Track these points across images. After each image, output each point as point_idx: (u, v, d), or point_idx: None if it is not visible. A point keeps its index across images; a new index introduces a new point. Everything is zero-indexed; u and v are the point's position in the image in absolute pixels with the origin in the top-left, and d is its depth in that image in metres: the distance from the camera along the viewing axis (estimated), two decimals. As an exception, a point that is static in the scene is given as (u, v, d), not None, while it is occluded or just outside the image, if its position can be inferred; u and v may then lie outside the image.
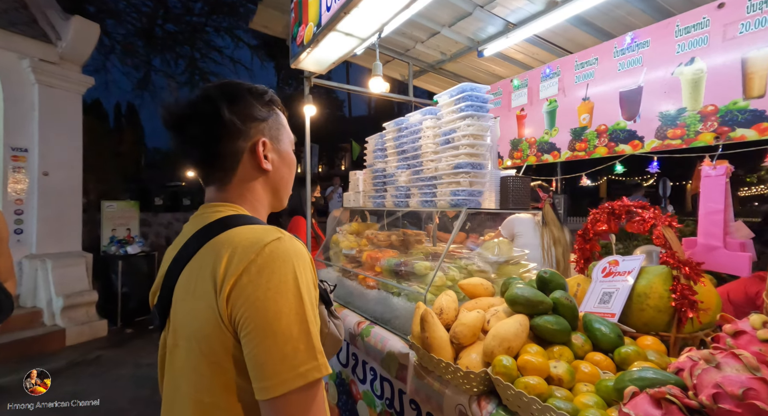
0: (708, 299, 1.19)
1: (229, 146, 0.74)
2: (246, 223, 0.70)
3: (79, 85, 4.80)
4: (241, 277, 0.60)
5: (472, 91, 1.63)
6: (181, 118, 0.72)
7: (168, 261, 0.75)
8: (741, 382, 0.67)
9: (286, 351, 0.59)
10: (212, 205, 0.75)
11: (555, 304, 1.18)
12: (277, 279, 0.61)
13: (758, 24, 1.48)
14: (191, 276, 0.67)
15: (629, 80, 1.94)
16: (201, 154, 0.74)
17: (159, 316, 0.73)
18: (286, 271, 0.62)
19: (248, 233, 0.66)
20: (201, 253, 0.67)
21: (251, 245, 0.63)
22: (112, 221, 5.43)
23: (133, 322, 4.94)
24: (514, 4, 2.39)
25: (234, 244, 0.64)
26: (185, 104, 0.72)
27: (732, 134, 1.55)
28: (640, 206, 1.41)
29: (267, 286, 0.60)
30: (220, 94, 0.73)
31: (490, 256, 1.79)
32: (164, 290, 0.72)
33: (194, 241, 0.70)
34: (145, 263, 5.24)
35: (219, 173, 0.76)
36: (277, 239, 0.65)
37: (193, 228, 0.74)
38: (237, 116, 0.73)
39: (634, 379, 0.84)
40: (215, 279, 0.62)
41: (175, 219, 10.13)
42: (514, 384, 0.96)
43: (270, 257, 0.62)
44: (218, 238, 0.67)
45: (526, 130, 2.56)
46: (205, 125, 0.72)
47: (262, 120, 0.77)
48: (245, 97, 0.75)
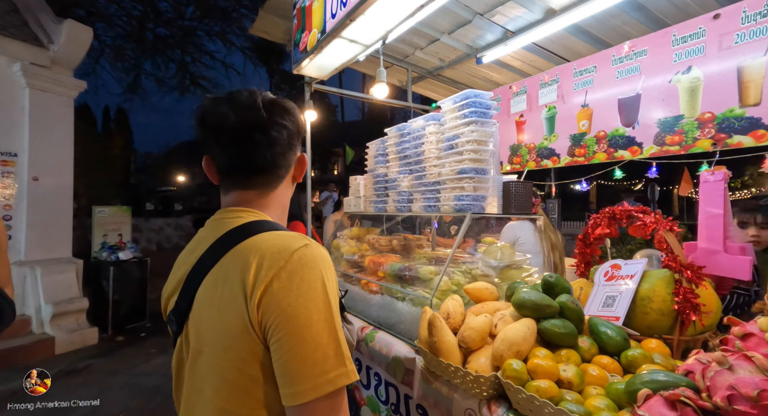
0: (709, 302, 1.21)
1: (286, 156, 0.78)
2: (270, 229, 0.70)
3: (71, 89, 4.74)
4: (271, 283, 0.61)
5: (476, 98, 1.65)
6: (250, 123, 0.72)
7: (185, 266, 0.74)
8: (755, 384, 0.68)
9: (316, 358, 0.59)
10: (232, 210, 0.75)
11: (561, 308, 1.19)
12: (306, 286, 0.62)
13: (753, 34, 1.53)
14: (217, 282, 0.66)
15: (627, 88, 1.98)
16: (272, 158, 0.75)
17: (178, 320, 0.72)
18: (314, 277, 0.63)
19: (275, 240, 0.67)
20: (226, 259, 0.67)
21: (280, 252, 0.64)
22: (103, 226, 5.34)
23: (124, 330, 4.83)
24: (512, 13, 2.44)
25: (262, 250, 0.64)
26: (257, 110, 0.72)
27: (729, 140, 1.60)
28: (641, 211, 1.44)
29: (297, 292, 0.61)
30: (285, 106, 0.76)
31: (493, 261, 1.80)
32: (183, 296, 0.71)
33: (218, 247, 0.70)
34: (138, 269, 5.14)
35: (265, 179, 0.77)
36: (305, 245, 0.66)
37: (213, 233, 0.73)
38: (299, 129, 0.79)
39: (645, 382, 0.85)
40: (245, 286, 0.62)
41: (167, 224, 10.00)
42: (524, 388, 0.97)
43: (299, 264, 0.63)
44: (244, 244, 0.67)
45: (525, 135, 2.59)
46: (284, 135, 0.75)
47: (302, 134, 0.83)
48: (299, 112, 0.80)
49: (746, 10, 1.56)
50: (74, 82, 4.74)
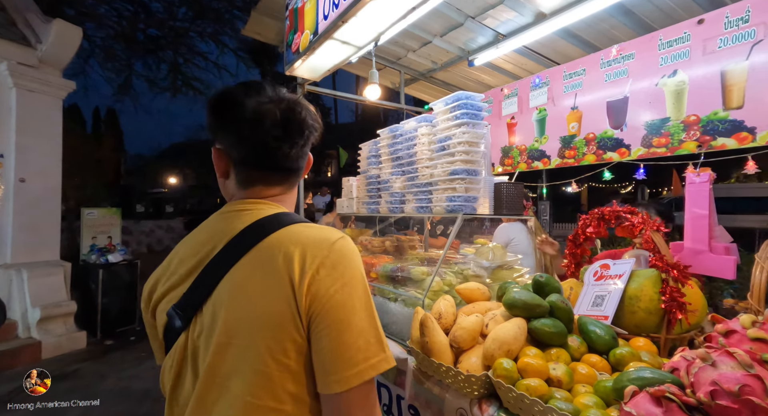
0: (695, 301, 1.23)
1: (304, 151, 0.78)
2: (301, 221, 0.72)
3: (60, 89, 4.67)
4: (318, 271, 0.62)
5: (468, 100, 1.67)
6: (296, 123, 0.72)
7: (195, 257, 0.70)
8: (737, 379, 0.70)
9: (359, 344, 0.61)
10: (250, 202, 0.74)
11: (551, 307, 1.20)
12: (349, 274, 0.65)
13: (735, 39, 1.57)
14: (254, 272, 0.65)
15: (616, 90, 2.02)
16: (291, 160, 0.75)
17: (182, 316, 0.67)
18: (354, 267, 0.66)
19: (313, 231, 0.68)
20: (259, 250, 0.66)
21: (321, 242, 0.66)
22: (92, 228, 5.25)
23: (114, 333, 4.76)
24: (503, 16, 2.47)
25: (302, 241, 0.65)
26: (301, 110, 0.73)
27: (713, 142, 1.63)
28: (629, 212, 1.47)
29: (342, 280, 0.63)
30: (311, 107, 0.77)
31: (485, 261, 1.82)
32: (198, 289, 0.67)
33: (246, 237, 0.68)
34: (127, 272, 5.07)
35: (285, 174, 0.77)
36: (342, 237, 0.69)
37: (232, 224, 0.70)
38: (317, 129, 0.78)
39: (632, 379, 0.86)
40: (291, 275, 0.62)
41: (158, 227, 9.89)
42: (515, 387, 0.97)
43: (340, 254, 0.66)
44: (278, 235, 0.67)
45: (516, 137, 2.62)
46: (309, 135, 0.75)
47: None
48: (317, 115, 0.80)
49: (729, 16, 1.60)
50: (63, 83, 4.68)
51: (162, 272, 0.74)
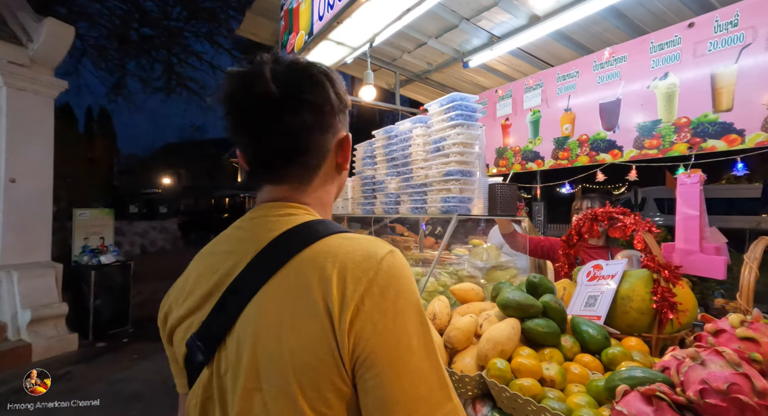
0: (686, 300, 1.25)
1: (322, 138, 0.62)
2: (338, 231, 0.57)
3: (51, 88, 4.62)
4: (363, 301, 0.49)
5: (462, 101, 1.67)
6: (257, 101, 0.57)
7: (216, 275, 0.58)
8: (725, 378, 0.71)
9: (420, 392, 0.48)
10: (277, 205, 0.61)
11: (545, 307, 1.21)
12: (402, 302, 0.51)
13: (725, 43, 1.60)
14: (283, 301, 0.52)
15: (608, 93, 2.04)
16: (292, 145, 0.60)
17: (206, 346, 0.56)
18: (408, 291, 0.52)
19: (354, 245, 0.54)
20: (289, 269, 0.53)
21: (365, 261, 0.52)
22: (84, 229, 5.20)
23: (106, 335, 4.72)
24: (498, 18, 2.49)
25: (341, 259, 0.52)
26: (264, 84, 0.56)
27: (704, 144, 1.66)
28: (621, 213, 1.48)
29: (395, 311, 0.50)
30: (324, 77, 0.60)
31: (479, 262, 1.83)
32: (219, 315, 0.55)
33: (273, 252, 0.55)
34: (120, 273, 5.03)
35: (301, 170, 0.62)
36: (390, 251, 0.54)
37: (257, 235, 0.58)
38: (335, 104, 0.62)
39: (624, 378, 0.87)
40: (328, 305, 0.49)
41: (152, 227, 9.81)
42: (508, 387, 0.98)
43: (390, 275, 0.52)
44: (312, 250, 0.54)
45: (510, 139, 2.64)
46: (310, 114, 0.59)
47: (344, 111, 0.66)
48: (339, 82, 0.63)
49: (718, 20, 1.63)
50: (55, 82, 4.63)
51: (179, 291, 0.62)
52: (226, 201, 24.97)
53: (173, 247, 10.02)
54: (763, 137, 1.48)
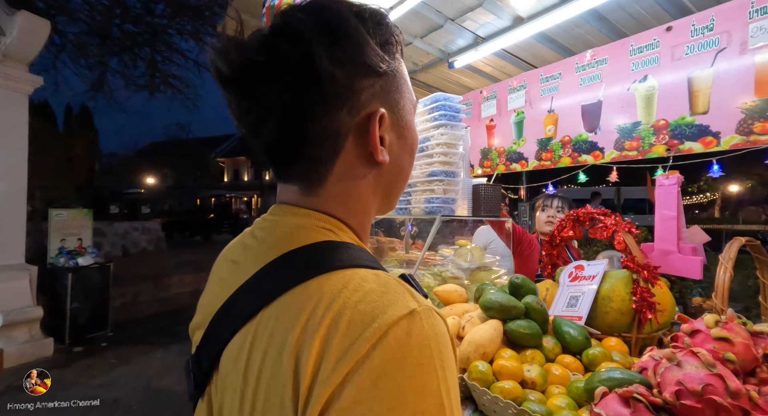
0: (664, 300, 1.26)
1: (324, 121, 0.42)
2: (351, 263, 0.40)
3: (26, 84, 4.45)
4: (342, 390, 0.31)
5: (446, 101, 1.67)
6: (244, 69, 0.41)
7: (219, 289, 0.47)
8: (700, 379, 0.71)
9: None
10: (290, 211, 0.47)
11: (527, 309, 1.21)
12: (409, 408, 0.31)
13: (701, 47, 1.63)
14: (255, 350, 0.38)
15: (590, 95, 2.07)
16: (274, 133, 0.43)
17: (194, 377, 0.46)
18: (425, 389, 0.32)
19: (363, 292, 0.36)
20: (276, 307, 0.39)
21: (363, 323, 0.34)
22: (61, 230, 5.03)
23: (84, 340, 4.56)
24: (482, 19, 2.49)
25: (335, 311, 0.35)
26: (256, 44, 0.41)
27: (681, 146, 1.69)
28: (602, 214, 1.50)
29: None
30: (312, 24, 0.41)
31: (463, 263, 1.82)
32: (207, 346, 0.45)
33: (265, 282, 0.42)
34: (99, 275, 4.88)
35: (304, 165, 0.45)
36: (410, 313, 0.34)
37: (263, 249, 0.45)
38: (341, 67, 0.41)
39: (603, 380, 0.87)
40: (296, 383, 0.33)
41: (134, 228, 9.56)
42: (489, 389, 0.97)
43: (398, 355, 0.32)
44: (310, 288, 0.38)
45: (495, 140, 2.65)
46: (286, 85, 0.41)
47: (382, 74, 0.45)
48: (357, 31, 0.42)
49: (695, 24, 1.66)
50: (29, 78, 4.47)
51: (203, 293, 0.53)
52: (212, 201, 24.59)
53: (156, 248, 9.78)
54: (737, 140, 1.52)
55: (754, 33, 1.47)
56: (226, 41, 0.41)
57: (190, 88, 14.00)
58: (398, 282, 0.39)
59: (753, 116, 1.49)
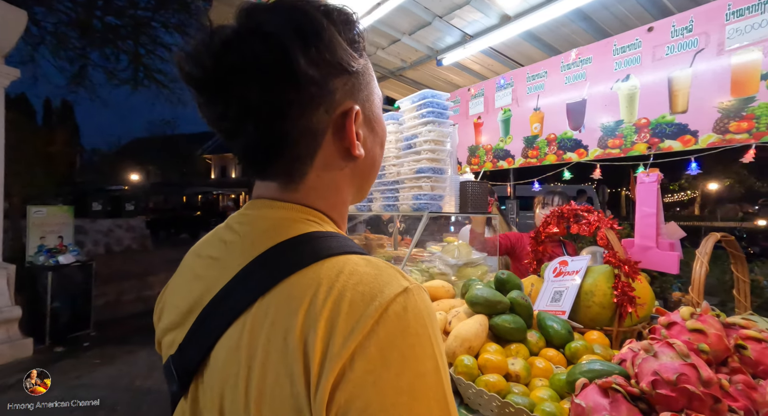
0: (644, 295, 1.30)
1: (302, 120, 0.44)
2: (343, 251, 0.42)
3: (1, 76, 4.30)
4: (353, 363, 0.34)
5: (433, 98, 1.67)
6: (220, 72, 0.41)
7: (201, 283, 0.47)
8: (675, 368, 0.73)
9: None
10: (273, 205, 0.48)
11: (512, 304, 1.23)
12: (412, 371, 0.35)
13: (681, 47, 1.68)
14: (253, 343, 0.39)
15: (575, 93, 2.10)
16: (254, 133, 0.43)
17: (179, 376, 0.46)
18: (423, 354, 0.37)
19: (361, 275, 0.39)
20: (274, 297, 0.40)
21: (364, 301, 0.37)
22: (40, 228, 4.89)
23: (65, 340, 4.46)
24: (470, 17, 2.50)
25: (335, 295, 0.37)
26: (226, 46, 0.41)
27: (661, 144, 1.73)
28: (586, 210, 1.53)
29: (397, 384, 0.34)
30: (284, 26, 0.41)
31: (451, 259, 1.84)
32: (194, 343, 0.45)
33: (261, 271, 0.42)
34: (81, 273, 4.76)
35: (284, 163, 0.46)
36: (404, 291, 0.38)
37: (246, 242, 0.46)
38: (317, 67, 0.42)
39: (583, 372, 0.89)
40: (308, 360, 0.35)
41: (117, 226, 9.34)
42: (474, 383, 0.99)
43: (399, 328, 0.36)
44: (308, 274, 0.39)
45: (482, 137, 2.68)
46: (264, 86, 0.41)
47: (353, 72, 0.47)
48: (328, 33, 0.43)
49: (675, 25, 1.70)
50: (5, 70, 4.31)
51: (171, 291, 0.53)
52: (199, 199, 24.19)
53: (141, 246, 9.59)
54: (714, 138, 1.57)
55: (730, 34, 1.51)
56: (196, 43, 0.42)
57: (176, 83, 13.72)
58: (387, 264, 0.43)
59: (729, 116, 1.54)
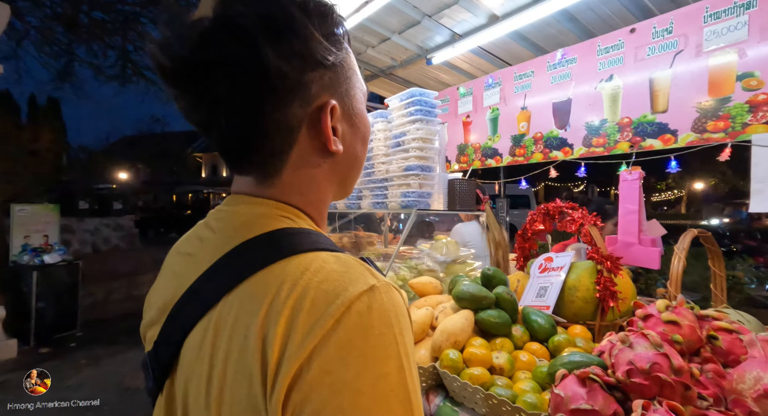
0: (625, 290, 1.33)
1: (275, 115, 0.43)
2: (311, 247, 0.42)
3: (-17, 72, 4.21)
4: (310, 363, 0.33)
5: (421, 96, 1.69)
6: (191, 65, 0.40)
7: (177, 281, 0.47)
8: (648, 358, 0.76)
9: None
10: (250, 201, 0.48)
11: (497, 299, 1.25)
12: (373, 372, 0.34)
13: (661, 49, 1.72)
14: (219, 335, 0.39)
15: (560, 93, 2.14)
16: (226, 127, 0.43)
17: (153, 373, 0.46)
18: (386, 354, 0.35)
19: (326, 272, 0.38)
20: (240, 292, 0.40)
21: (326, 299, 0.36)
22: (24, 226, 4.80)
23: (51, 340, 4.39)
24: (459, 16, 2.53)
25: (300, 288, 0.37)
26: (196, 38, 0.40)
27: (643, 143, 1.78)
28: (570, 207, 1.56)
29: (357, 386, 0.33)
30: (255, 19, 0.40)
31: (439, 256, 1.86)
32: (165, 339, 0.45)
33: (229, 267, 0.42)
34: (67, 273, 4.69)
35: (258, 158, 0.46)
36: (370, 289, 0.37)
37: (218, 238, 0.46)
38: (289, 61, 0.42)
39: (564, 363, 0.92)
40: (266, 357, 0.35)
41: (104, 225, 9.20)
42: (459, 376, 1.01)
43: (360, 327, 0.35)
44: (274, 270, 0.39)
45: (471, 136, 2.70)
46: (233, 80, 0.41)
47: (329, 66, 0.46)
48: (302, 25, 0.42)
49: (656, 26, 1.75)
50: (-13, 66, 4.22)
51: (153, 288, 0.53)
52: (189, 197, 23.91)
53: (129, 245, 9.46)
54: (692, 137, 1.61)
55: (708, 37, 1.56)
56: (167, 34, 0.41)
57: (164, 80, 13.52)
58: (357, 262, 0.41)
59: (706, 115, 1.58)
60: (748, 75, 1.48)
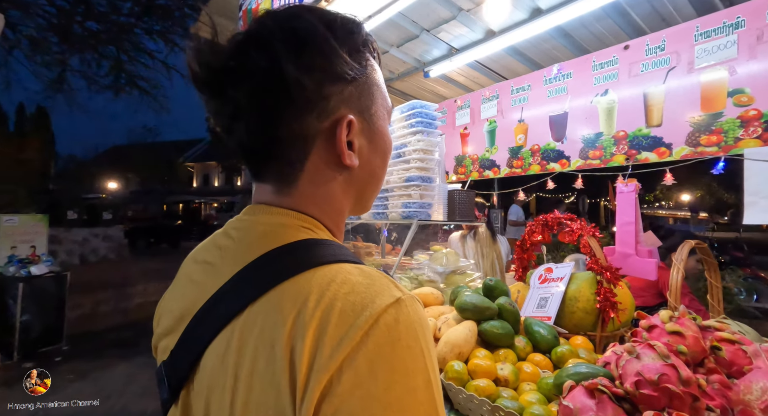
0: (625, 300, 1.34)
1: (293, 125, 0.45)
2: (335, 258, 0.42)
3: (-25, 80, 4.16)
4: (340, 375, 0.33)
5: (422, 109, 1.71)
6: (217, 72, 0.43)
7: (195, 290, 0.47)
8: (656, 369, 0.76)
9: None
10: (268, 211, 0.48)
11: (500, 310, 1.25)
12: (402, 385, 0.34)
13: (655, 65, 1.78)
14: (242, 351, 0.39)
15: (557, 106, 2.19)
16: (246, 134, 0.46)
17: (169, 383, 0.45)
18: (415, 367, 0.35)
19: (352, 284, 0.38)
20: (261, 305, 0.40)
21: (354, 312, 0.36)
22: (11, 237, 4.69)
23: (35, 354, 4.24)
24: (456, 31, 2.59)
25: (324, 305, 0.36)
26: (228, 49, 0.44)
27: (638, 156, 1.82)
28: (569, 219, 1.58)
29: (386, 399, 0.33)
30: (279, 33, 0.43)
31: (439, 267, 1.86)
32: (184, 349, 0.45)
33: (252, 278, 0.42)
34: (54, 285, 4.56)
35: (275, 165, 0.48)
36: (396, 301, 0.37)
37: (239, 248, 0.46)
38: (308, 74, 0.43)
39: (570, 375, 0.92)
40: (294, 370, 0.35)
41: (93, 235, 9.04)
42: (465, 388, 1.00)
43: (389, 340, 0.35)
44: (299, 282, 0.39)
45: (469, 147, 2.74)
46: (254, 89, 0.43)
47: (350, 81, 0.47)
48: (324, 41, 0.45)
49: (649, 44, 1.81)
50: (-21, 74, 4.18)
51: (168, 296, 0.53)
52: (180, 207, 23.64)
53: (118, 256, 9.29)
54: (686, 151, 1.66)
55: (699, 54, 1.62)
56: (202, 44, 0.44)
57: (158, 90, 13.50)
58: (381, 274, 0.42)
59: (699, 129, 1.63)
60: (738, 91, 1.54)
